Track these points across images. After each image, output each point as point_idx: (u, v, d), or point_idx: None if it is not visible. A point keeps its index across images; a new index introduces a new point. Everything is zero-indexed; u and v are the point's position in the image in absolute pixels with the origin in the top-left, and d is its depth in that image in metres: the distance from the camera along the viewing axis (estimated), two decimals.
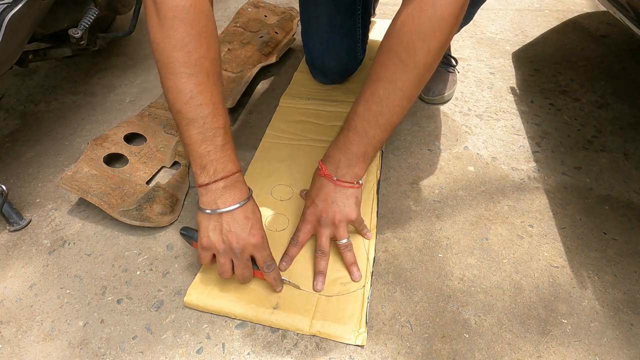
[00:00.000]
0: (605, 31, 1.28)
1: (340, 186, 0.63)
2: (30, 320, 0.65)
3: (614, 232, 0.73)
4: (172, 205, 0.79)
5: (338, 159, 0.63)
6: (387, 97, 0.57)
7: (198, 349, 0.60)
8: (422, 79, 0.57)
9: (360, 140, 0.61)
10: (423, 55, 0.54)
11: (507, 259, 0.70)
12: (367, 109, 0.59)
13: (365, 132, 0.60)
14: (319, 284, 0.64)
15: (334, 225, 0.63)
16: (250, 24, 1.30)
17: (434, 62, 0.56)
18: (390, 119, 0.59)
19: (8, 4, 0.72)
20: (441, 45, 0.54)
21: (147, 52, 1.32)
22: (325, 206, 0.63)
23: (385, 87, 0.57)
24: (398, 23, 0.55)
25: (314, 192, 0.65)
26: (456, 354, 0.58)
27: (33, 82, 1.21)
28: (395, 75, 0.56)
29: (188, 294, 0.64)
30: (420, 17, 0.53)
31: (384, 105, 0.58)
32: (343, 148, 0.63)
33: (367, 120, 0.60)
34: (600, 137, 0.92)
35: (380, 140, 0.61)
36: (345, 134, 0.63)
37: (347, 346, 0.59)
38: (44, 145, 0.98)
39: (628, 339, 0.59)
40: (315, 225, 0.65)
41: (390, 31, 0.57)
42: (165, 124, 0.97)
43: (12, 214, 0.78)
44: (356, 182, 0.63)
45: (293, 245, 0.67)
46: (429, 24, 0.52)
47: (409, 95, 0.58)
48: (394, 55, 0.55)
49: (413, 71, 0.55)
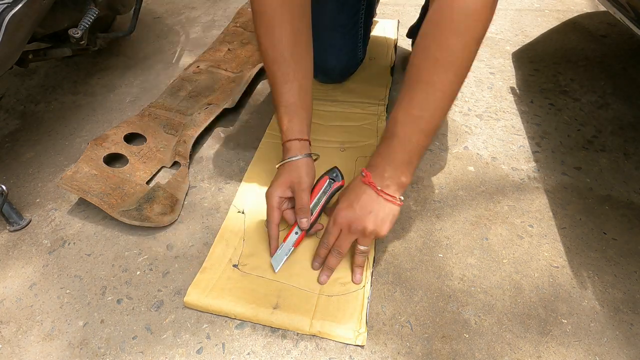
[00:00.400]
0: (605, 31, 1.28)
1: (382, 197, 0.60)
2: (30, 320, 0.65)
3: (614, 232, 0.73)
4: (172, 205, 0.79)
5: (383, 167, 0.60)
6: (426, 100, 0.56)
7: (198, 349, 0.60)
8: (461, 77, 0.55)
9: (404, 148, 0.59)
10: (459, 52, 0.52)
11: (507, 259, 0.70)
12: (408, 115, 0.57)
13: (408, 139, 0.58)
14: (324, 277, 0.65)
15: (363, 234, 0.61)
16: (250, 24, 1.30)
17: (471, 58, 0.54)
18: (433, 123, 0.57)
19: (8, 4, 0.72)
20: (477, 39, 0.53)
21: (147, 52, 1.32)
22: (362, 214, 0.60)
23: (424, 89, 0.55)
24: (430, 22, 0.54)
25: (353, 196, 0.62)
26: (456, 354, 0.58)
27: (33, 82, 1.21)
28: (432, 76, 0.54)
29: (188, 294, 0.64)
30: (452, 12, 0.51)
31: (425, 109, 0.56)
32: (387, 157, 0.60)
33: (408, 127, 0.58)
34: (600, 137, 0.92)
35: (424, 146, 0.59)
36: (387, 143, 0.60)
37: (347, 346, 0.59)
38: (44, 145, 0.98)
39: (628, 339, 0.59)
40: (344, 229, 0.63)
41: (422, 32, 0.55)
42: (165, 124, 0.97)
43: (12, 214, 0.78)
44: (399, 198, 0.61)
45: (324, 247, 0.65)
46: (463, 18, 0.51)
47: (449, 95, 0.56)
48: (429, 55, 0.54)
49: (451, 69, 0.54)
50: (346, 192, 0.65)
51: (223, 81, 1.10)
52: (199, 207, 0.81)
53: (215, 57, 1.18)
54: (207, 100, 1.03)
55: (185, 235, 0.76)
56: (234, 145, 0.95)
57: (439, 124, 0.58)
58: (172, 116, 0.99)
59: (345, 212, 0.62)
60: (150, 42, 1.37)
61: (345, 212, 0.62)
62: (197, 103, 1.03)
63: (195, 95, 1.05)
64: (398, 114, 0.59)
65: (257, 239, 0.72)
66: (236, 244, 0.71)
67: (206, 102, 1.03)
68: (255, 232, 0.73)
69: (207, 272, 0.67)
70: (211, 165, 0.90)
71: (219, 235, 0.73)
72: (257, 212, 0.76)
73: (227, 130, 0.99)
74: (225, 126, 1.00)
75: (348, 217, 0.61)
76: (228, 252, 0.70)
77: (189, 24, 1.47)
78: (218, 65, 1.15)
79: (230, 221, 0.75)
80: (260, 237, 0.72)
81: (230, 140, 0.96)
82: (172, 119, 0.98)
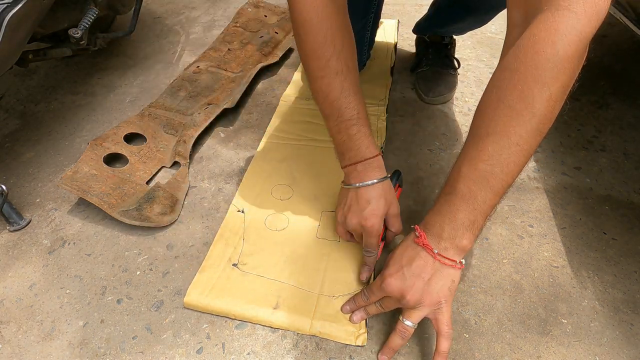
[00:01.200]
0: (605, 31, 1.28)
1: (439, 262, 0.52)
2: (30, 320, 0.65)
3: (614, 232, 0.73)
4: (172, 205, 0.79)
5: (441, 228, 0.52)
6: (499, 154, 0.48)
7: (198, 349, 0.60)
8: (542, 131, 0.48)
9: (468, 206, 0.50)
10: (543, 103, 0.45)
11: (507, 259, 0.70)
12: (474, 169, 0.50)
13: (473, 196, 0.50)
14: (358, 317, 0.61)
15: (413, 307, 0.54)
16: (250, 24, 1.30)
17: (555, 110, 0.47)
18: (504, 180, 0.49)
19: (8, 4, 0.72)
20: (564, 90, 0.46)
21: (147, 52, 1.32)
22: (414, 282, 0.52)
23: (497, 142, 0.48)
24: (507, 69, 0.47)
25: (405, 259, 0.54)
26: (456, 354, 0.58)
27: (33, 82, 1.21)
28: (508, 128, 0.47)
29: (188, 294, 0.64)
30: (537, 59, 0.44)
31: (496, 164, 0.48)
32: (447, 215, 0.52)
33: (474, 182, 0.50)
34: (600, 137, 0.92)
35: (491, 205, 0.51)
36: (447, 199, 0.52)
37: (347, 346, 0.59)
38: (44, 145, 0.98)
39: (628, 339, 0.59)
40: (392, 298, 0.55)
41: (497, 79, 0.49)
42: (165, 124, 0.97)
43: (12, 214, 0.78)
44: (459, 262, 0.53)
45: (363, 300, 0.60)
46: (550, 67, 0.44)
47: (527, 150, 0.48)
48: (506, 106, 0.47)
49: (530, 122, 0.46)
50: (396, 253, 0.57)
51: (223, 81, 1.10)
52: (199, 207, 0.81)
53: (215, 57, 1.18)
54: (207, 100, 1.03)
55: (185, 235, 0.76)
56: (234, 145, 0.95)
57: (511, 182, 0.50)
58: (172, 116, 0.99)
59: (396, 278, 0.54)
60: (150, 42, 1.37)
61: (396, 279, 0.54)
62: (197, 103, 1.03)
63: (195, 95, 1.05)
64: (462, 168, 0.51)
65: (256, 238, 0.72)
66: (236, 243, 0.71)
67: (206, 102, 1.03)
68: (255, 232, 0.73)
69: (207, 272, 0.67)
70: (211, 165, 0.90)
71: (219, 235, 0.73)
72: (257, 212, 0.76)
73: (227, 130, 0.99)
74: (225, 126, 1.00)
75: (399, 286, 0.53)
76: (227, 251, 0.70)
77: (189, 24, 1.47)
78: (218, 65, 1.15)
79: (230, 220, 0.75)
80: (259, 237, 0.72)
81: (230, 140, 0.96)
82: (172, 119, 0.98)
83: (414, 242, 0.54)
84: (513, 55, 0.47)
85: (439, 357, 0.53)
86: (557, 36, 0.43)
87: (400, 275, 0.54)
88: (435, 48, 1.07)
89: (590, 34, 0.44)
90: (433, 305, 0.53)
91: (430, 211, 0.55)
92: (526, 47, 0.45)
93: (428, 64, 1.06)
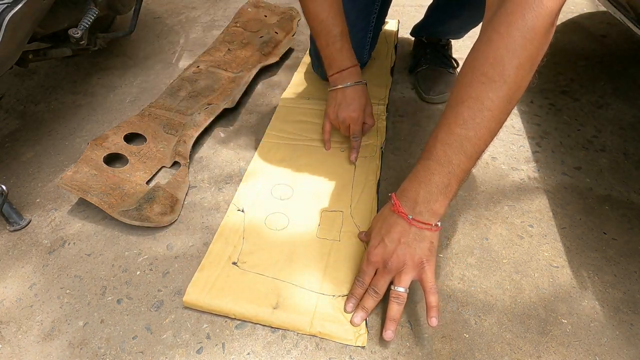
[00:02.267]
0: (605, 31, 1.28)
1: (415, 226, 0.56)
2: (30, 320, 0.65)
3: (614, 232, 0.73)
4: (172, 205, 0.79)
5: (416, 193, 0.56)
6: (473, 119, 0.51)
7: (198, 349, 0.60)
8: (512, 98, 0.51)
9: (443, 169, 0.54)
10: (513, 70, 0.49)
11: (507, 259, 0.70)
12: (450, 134, 0.53)
13: (448, 160, 0.53)
14: (358, 318, 0.60)
15: (400, 271, 0.57)
16: (250, 24, 1.30)
17: (525, 78, 0.51)
18: (478, 144, 0.52)
19: (8, 4, 0.72)
20: (533, 59, 0.50)
21: (147, 52, 1.32)
22: (394, 248, 0.56)
23: (471, 107, 0.51)
24: (483, 40, 0.51)
25: (384, 229, 0.58)
26: (456, 354, 0.58)
27: (33, 82, 1.21)
28: (481, 93, 0.51)
29: (187, 293, 0.64)
30: (508, 30, 0.48)
31: (470, 128, 0.51)
32: (423, 180, 0.55)
33: (450, 147, 0.53)
34: (600, 137, 0.92)
35: (465, 170, 0.54)
36: (424, 164, 0.55)
37: (347, 346, 0.59)
38: (44, 145, 0.98)
39: (628, 339, 0.59)
40: (380, 268, 0.59)
41: (474, 51, 0.53)
42: (165, 124, 0.97)
43: (12, 214, 0.78)
44: (434, 225, 0.56)
45: (360, 286, 0.61)
46: (519, 35, 0.48)
47: (498, 116, 0.51)
48: (480, 73, 0.51)
49: (502, 88, 0.50)
50: (377, 223, 0.61)
51: (223, 81, 1.10)
52: (199, 207, 0.81)
53: (215, 57, 1.18)
54: (207, 100, 1.03)
55: (185, 235, 0.76)
56: (234, 145, 0.95)
57: (484, 147, 0.53)
58: (172, 116, 0.99)
59: (379, 248, 0.58)
60: (150, 42, 1.37)
61: (378, 250, 0.58)
62: (197, 103, 1.03)
63: (195, 95, 1.05)
64: (439, 133, 0.54)
65: (256, 238, 0.72)
66: (235, 242, 0.71)
67: (206, 102, 1.03)
68: (255, 231, 0.73)
69: (206, 270, 0.67)
70: (211, 165, 0.90)
71: (218, 233, 0.73)
72: (257, 211, 0.76)
73: (227, 130, 0.99)
74: (225, 126, 1.00)
75: (381, 254, 0.58)
76: (227, 249, 0.70)
77: (189, 24, 1.47)
78: (218, 65, 1.15)
79: (230, 219, 0.75)
80: (259, 236, 0.72)
81: (230, 140, 0.96)
82: (172, 119, 0.98)
83: (391, 211, 0.59)
84: (490, 27, 0.51)
85: (431, 311, 0.56)
86: (526, 9, 0.48)
87: (382, 245, 0.58)
88: (433, 48, 1.08)
89: (557, 10, 0.49)
90: (416, 266, 0.57)
91: (406, 178, 0.59)
92: (500, 19, 0.50)
93: (427, 63, 1.06)
